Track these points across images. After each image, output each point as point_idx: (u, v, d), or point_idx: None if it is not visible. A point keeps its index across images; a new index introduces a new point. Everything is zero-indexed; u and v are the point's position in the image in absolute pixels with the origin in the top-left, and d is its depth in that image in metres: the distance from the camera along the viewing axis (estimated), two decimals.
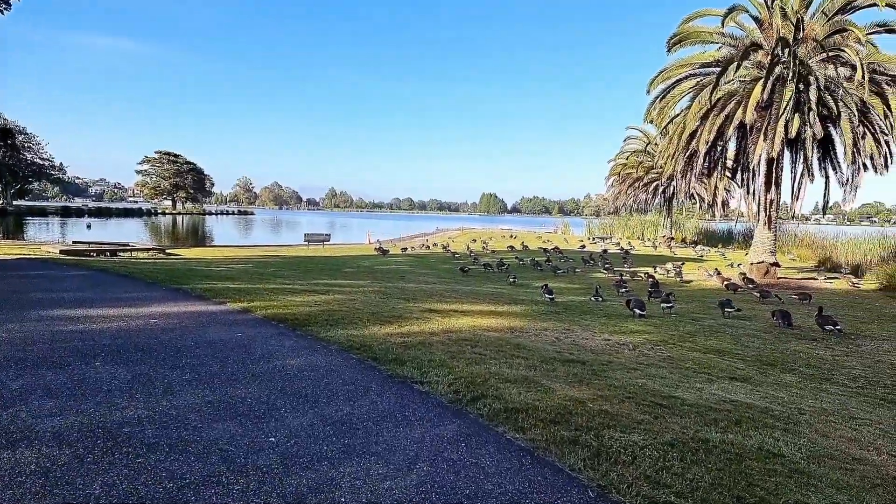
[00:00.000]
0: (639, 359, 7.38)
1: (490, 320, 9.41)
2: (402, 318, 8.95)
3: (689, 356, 7.88)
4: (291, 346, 6.84)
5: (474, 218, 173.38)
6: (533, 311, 11.10)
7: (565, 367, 6.44)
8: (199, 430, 4.26)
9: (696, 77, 20.64)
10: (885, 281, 19.14)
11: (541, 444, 4.18)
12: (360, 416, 4.66)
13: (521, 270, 20.99)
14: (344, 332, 7.61)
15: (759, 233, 20.55)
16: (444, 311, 10.16)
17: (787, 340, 9.67)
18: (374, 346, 6.85)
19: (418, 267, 21.20)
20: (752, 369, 7.43)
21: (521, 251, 30.40)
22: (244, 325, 7.93)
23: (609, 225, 53.11)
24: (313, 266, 19.49)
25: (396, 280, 15.90)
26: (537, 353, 7.04)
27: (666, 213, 38.71)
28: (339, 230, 65.36)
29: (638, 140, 39.29)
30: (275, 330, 7.68)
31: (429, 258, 26.05)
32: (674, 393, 5.69)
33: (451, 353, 6.68)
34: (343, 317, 8.66)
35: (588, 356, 7.15)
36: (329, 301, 10.37)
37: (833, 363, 8.06)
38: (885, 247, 27.53)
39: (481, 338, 7.75)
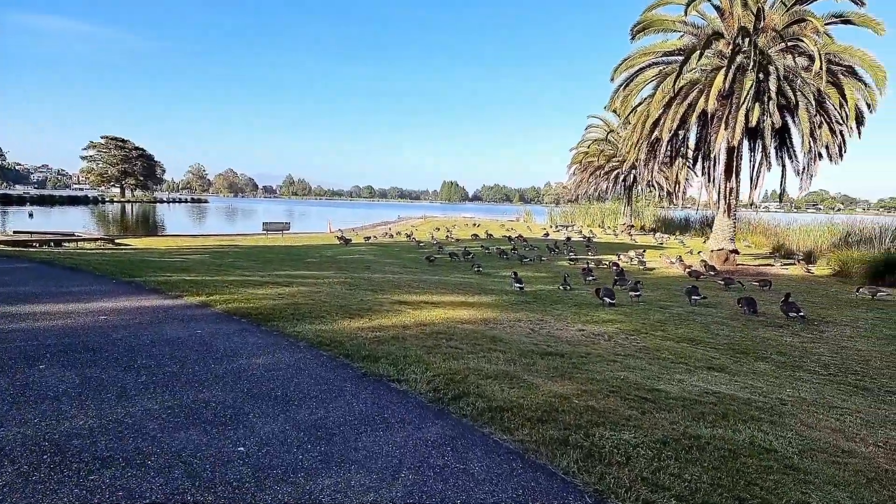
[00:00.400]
0: (616, 349, 7.26)
1: (462, 312, 9.17)
2: (373, 310, 8.62)
3: (664, 346, 7.82)
4: (256, 342, 6.44)
5: (435, 206, 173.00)
6: (504, 302, 10.92)
7: (545, 360, 6.25)
8: (159, 440, 3.88)
9: (658, 65, 20.75)
10: (838, 267, 19.78)
11: (530, 446, 3.96)
12: (336, 419, 4.34)
13: (487, 259, 20.85)
14: (312, 326, 7.24)
15: (718, 220, 20.92)
16: (415, 302, 9.87)
17: (755, 328, 9.76)
18: (345, 341, 6.52)
19: (383, 256, 20.81)
20: (727, 358, 7.41)
21: (485, 239, 30.28)
22: (204, 320, 7.46)
23: (570, 213, 53.59)
24: (273, 256, 18.87)
25: (362, 270, 15.50)
26: (514, 346, 6.83)
27: (626, 201, 39.22)
28: (298, 219, 64.05)
29: (599, 128, 39.62)
30: (237, 325, 7.25)
31: (393, 247, 25.66)
32: (657, 385, 5.56)
33: (426, 348, 6.41)
34: (310, 310, 8.26)
35: (566, 348, 6.99)
36: (293, 293, 9.93)
37: (802, 350, 8.13)
38: (833, 233, 28.49)
39: (456, 330, 7.50)
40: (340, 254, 21.17)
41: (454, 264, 19.37)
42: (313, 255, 19.96)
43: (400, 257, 20.87)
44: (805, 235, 29.77)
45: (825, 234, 28.61)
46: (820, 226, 30.96)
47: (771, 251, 27.58)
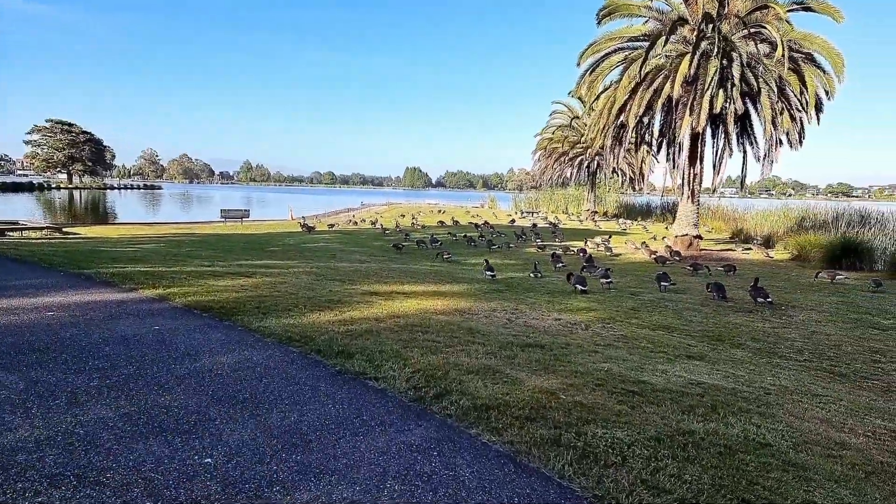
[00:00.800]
0: (594, 339, 7.12)
1: (436, 302, 8.90)
2: (343, 302, 8.27)
3: (641, 334, 7.72)
4: (220, 339, 6.03)
5: (399, 192, 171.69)
6: (477, 290, 10.70)
7: (525, 352, 6.05)
8: (116, 453, 3.50)
9: (624, 51, 20.73)
10: (796, 251, 20.29)
11: (521, 448, 3.74)
12: (312, 424, 4.03)
13: (455, 247, 20.62)
14: (279, 321, 6.86)
15: (682, 206, 21.17)
16: (386, 293, 9.55)
17: (726, 313, 9.81)
18: (316, 336, 6.18)
19: (348, 244, 20.34)
20: (704, 346, 7.36)
21: (451, 226, 30.02)
22: (162, 315, 6.99)
23: (535, 199, 53.77)
24: (234, 245, 18.21)
25: (327, 259, 15.06)
26: (493, 338, 6.61)
27: (590, 187, 39.50)
28: (257, 205, 62.56)
29: (563, 115, 39.65)
30: (198, 321, 6.82)
31: (358, 235, 25.15)
32: (641, 377, 5.42)
33: (402, 342, 6.12)
34: (276, 303, 7.87)
35: (545, 339, 6.81)
36: (257, 285, 9.49)
37: (775, 336, 8.17)
38: (789, 218, 29.26)
39: (431, 322, 7.23)
40: (304, 242, 20.60)
41: (422, 252, 19.06)
42: (275, 244, 19.35)
43: (366, 245, 20.45)
44: (762, 220, 30.48)
45: (781, 219, 29.34)
46: (776, 211, 31.73)
47: (730, 236, 28.19)
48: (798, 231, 24.85)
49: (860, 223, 24.98)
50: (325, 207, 56.92)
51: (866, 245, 17.70)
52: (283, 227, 29.59)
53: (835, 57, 17.84)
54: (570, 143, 37.30)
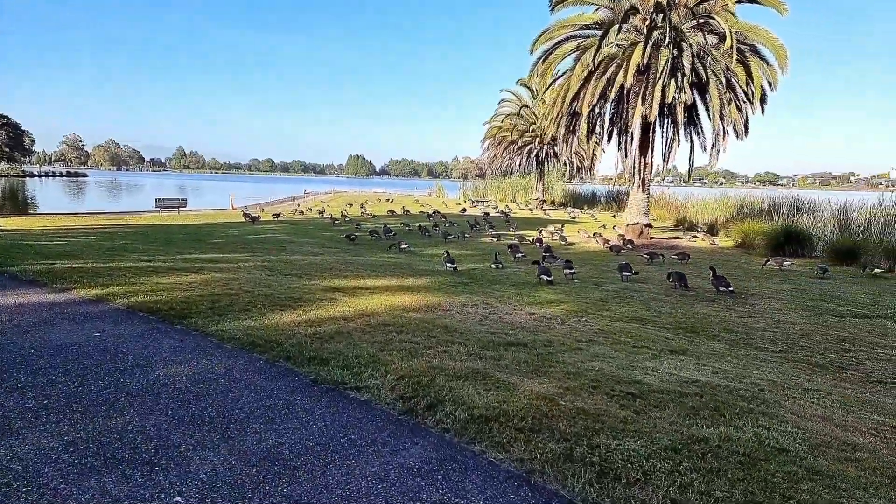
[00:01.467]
0: (574, 335, 6.86)
1: (403, 298, 8.45)
2: (304, 300, 7.70)
3: (617, 327, 7.54)
4: (174, 346, 5.40)
5: (342, 180, 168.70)
6: (442, 284, 10.30)
7: (510, 352, 5.71)
8: (63, 493, 2.95)
9: (577, 39, 20.65)
10: (740, 238, 20.91)
11: (534, 466, 3.38)
12: (294, 446, 3.55)
13: (410, 237, 20.12)
14: (238, 323, 6.26)
15: (633, 195, 21.43)
16: (348, 288, 9.02)
17: (691, 303, 9.80)
18: (283, 340, 5.63)
19: (297, 235, 19.49)
20: (681, 338, 7.24)
21: (402, 216, 29.44)
22: (103, 319, 6.26)
23: (483, 188, 53.72)
24: (173, 237, 17.08)
25: (278, 252, 14.29)
26: (472, 337, 6.24)
27: (538, 176, 39.70)
28: (193, 194, 59.70)
29: (511, 103, 39.59)
30: (146, 325, 6.13)
31: (306, 225, 24.23)
32: (634, 376, 5.18)
33: (378, 344, 5.66)
34: (231, 302, 7.23)
35: (525, 336, 6.49)
36: (207, 282, 8.77)
37: (745, 327, 8.16)
38: (728, 206, 30.23)
39: (404, 321, 6.79)
40: (249, 233, 19.60)
41: (375, 243, 18.48)
42: (218, 235, 18.30)
43: (316, 236, 19.66)
44: (702, 208, 31.36)
45: (721, 208, 30.26)
46: (716, 199, 32.72)
47: (675, 224, 28.86)
48: (737, 219, 25.58)
49: (795, 211, 26.05)
50: (267, 195, 55.02)
51: (807, 233, 18.40)
52: (224, 216, 28.20)
53: (778, 49, 18.33)
54: (518, 132, 37.29)
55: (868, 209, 19.25)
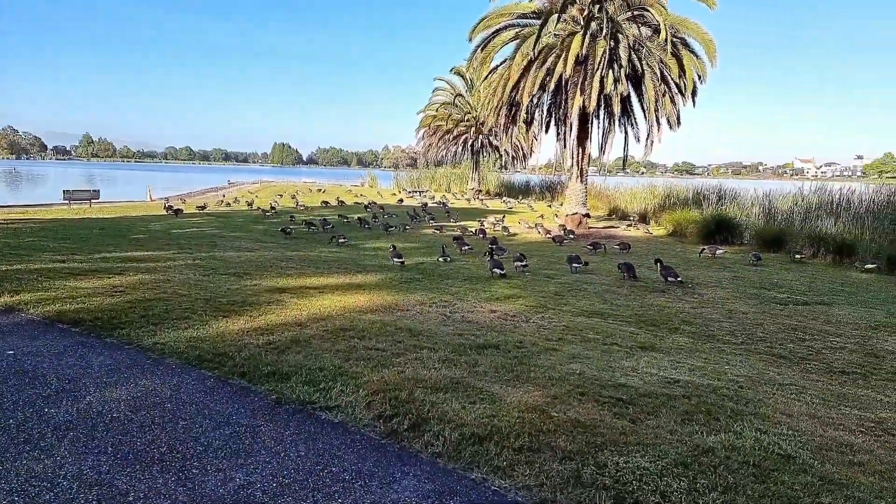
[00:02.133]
0: (542, 333, 6.60)
1: (356, 297, 7.93)
2: (249, 304, 7.06)
3: (581, 323, 7.34)
4: (106, 365, 4.70)
5: (267, 170, 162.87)
6: (392, 280, 9.83)
7: (484, 356, 5.36)
8: None
9: (515, 27, 20.51)
10: (672, 227, 21.56)
11: (544, 496, 3.05)
12: (267, 485, 3.05)
13: (349, 230, 19.39)
14: (178, 333, 5.59)
15: (571, 185, 21.62)
16: (295, 288, 8.39)
17: (643, 295, 9.80)
18: (233, 353, 5.04)
19: (227, 230, 18.33)
20: (645, 333, 7.12)
21: (337, 207, 28.48)
22: (15, 333, 5.43)
23: (417, 178, 53.17)
24: (88, 233, 15.60)
25: (209, 248, 13.31)
26: (440, 340, 5.85)
27: (474, 166, 39.61)
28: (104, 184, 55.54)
29: (446, 91, 39.21)
30: (68, 338, 5.36)
31: (235, 218, 22.92)
32: (616, 379, 4.96)
33: (341, 354, 5.18)
34: (167, 309, 6.50)
35: (495, 337, 6.16)
36: (135, 285, 7.92)
37: (701, 318, 8.18)
38: (655, 196, 31.17)
39: (363, 324, 6.31)
40: (173, 227, 18.26)
41: (313, 236, 17.65)
42: (139, 230, 16.92)
43: (248, 230, 18.58)
44: (631, 198, 32.18)
45: (650, 197, 31.17)
46: (644, 189, 33.54)
47: (607, 213, 29.51)
48: (666, 208, 26.39)
49: (718, 200, 27.19)
50: (188, 186, 52.13)
51: (735, 221, 19.17)
52: (142, 209, 26.26)
53: (708, 43, 18.89)
54: (454, 122, 37.00)
55: (790, 198, 20.27)
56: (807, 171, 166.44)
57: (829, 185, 20.43)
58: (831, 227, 16.55)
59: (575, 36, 18.08)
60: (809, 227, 17.38)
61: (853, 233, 15.84)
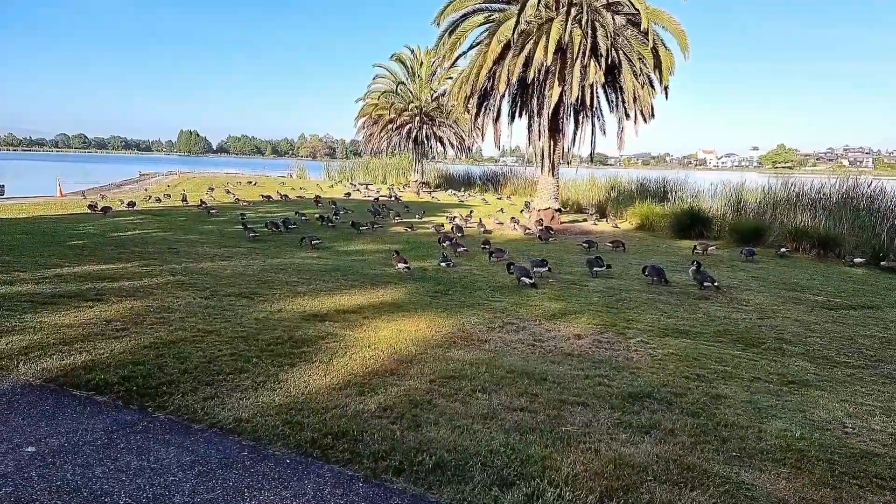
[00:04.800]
0: (662, 366, 5.62)
1: (409, 323, 6.68)
2: (300, 341, 5.67)
3: (678, 348, 6.43)
4: (187, 465, 3.28)
5: (174, 159, 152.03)
6: (421, 295, 8.57)
7: (654, 412, 4.35)
8: None
9: (484, 11, 19.45)
10: (639, 221, 21.43)
11: None
12: None
13: (312, 229, 17.65)
14: (252, 398, 4.21)
15: (543, 179, 20.92)
16: (330, 314, 6.99)
17: (692, 303, 9.05)
18: (356, 432, 3.76)
19: (175, 231, 16.10)
20: (757, 357, 6.32)
21: (281, 202, 26.34)
22: (16, 411, 3.83)
23: (349, 169, 50.96)
24: (12, 239, 13.04)
25: (173, 257, 11.38)
26: (574, 389, 4.76)
27: (418, 157, 38.22)
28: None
29: (386, 79, 37.47)
30: (105, 416, 3.88)
31: (175, 216, 20.42)
32: (849, 444, 4.06)
33: (487, 422, 3.98)
34: (206, 357, 5.00)
35: (629, 379, 5.11)
36: (132, 317, 6.26)
37: (775, 331, 7.53)
38: (599, 187, 31.25)
39: (464, 368, 5.11)
40: (109, 229, 15.83)
41: (277, 237, 15.84)
42: (73, 234, 14.47)
43: (199, 231, 16.42)
44: (578, 191, 32.05)
45: (596, 189, 31.15)
46: (586, 181, 33.30)
47: (563, 207, 29.17)
48: (622, 201, 26.30)
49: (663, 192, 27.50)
50: (94, 178, 47.16)
51: (708, 215, 19.21)
52: (57, 207, 22.96)
53: (680, 34, 18.65)
54: (397, 110, 35.41)
55: (761, 190, 20.56)
56: (709, 161, 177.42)
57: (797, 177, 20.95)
58: (808, 220, 16.79)
59: (553, 22, 17.27)
60: (784, 220, 17.59)
61: (829, 226, 16.12)
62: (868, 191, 17.03)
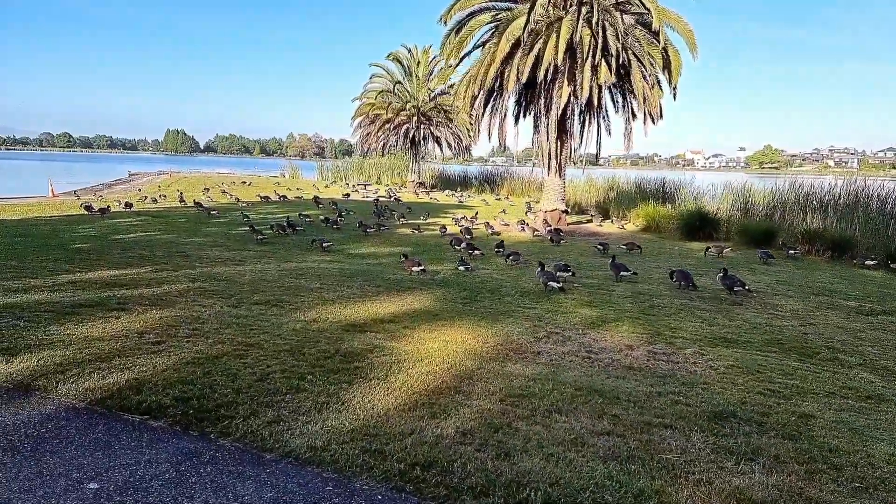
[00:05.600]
0: (733, 381, 5.35)
1: (455, 336, 6.39)
2: (347, 355, 5.42)
3: (733, 358, 6.20)
4: (265, 496, 2.96)
5: (161, 158, 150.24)
6: (450, 302, 8.29)
7: (746, 437, 4.07)
8: None
9: (491, 10, 19.19)
10: (645, 222, 21.28)
11: None
12: None
13: (318, 231, 17.28)
14: (318, 422, 3.94)
15: (550, 180, 20.67)
16: (368, 323, 6.69)
17: (727, 309, 8.85)
18: (444, 462, 3.50)
19: (179, 233, 15.65)
20: (815, 367, 6.09)
21: (280, 203, 25.88)
22: (63, 438, 3.54)
23: (342, 169, 50.37)
24: (11, 242, 12.56)
25: (181, 259, 11.00)
26: (653, 409, 4.49)
27: (413, 157, 37.85)
28: None
29: (383, 79, 37.04)
30: (166, 445, 3.57)
31: (174, 217, 19.93)
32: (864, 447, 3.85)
33: (579, 448, 3.70)
34: (256, 373, 4.70)
35: (705, 395, 4.86)
36: (163, 327, 5.93)
37: (823, 339, 7.31)
38: (597, 188, 31.13)
39: (526, 384, 4.84)
40: (110, 231, 15.35)
41: (286, 240, 15.44)
42: (75, 237, 13.99)
43: (203, 234, 15.99)
44: (578, 192, 31.91)
45: (591, 190, 30.98)
46: (584, 182, 33.11)
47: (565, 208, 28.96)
48: (625, 201, 26.15)
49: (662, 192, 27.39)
50: (82, 178, 46.19)
51: (717, 216, 19.09)
52: (51, 208, 22.36)
53: (689, 34, 18.53)
54: (394, 110, 35.02)
55: (769, 192, 20.47)
56: (697, 161, 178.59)
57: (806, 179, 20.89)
58: (818, 222, 16.72)
59: (563, 21, 17.04)
60: (794, 222, 17.52)
61: (841, 228, 16.06)
62: (881, 192, 16.97)
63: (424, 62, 36.37)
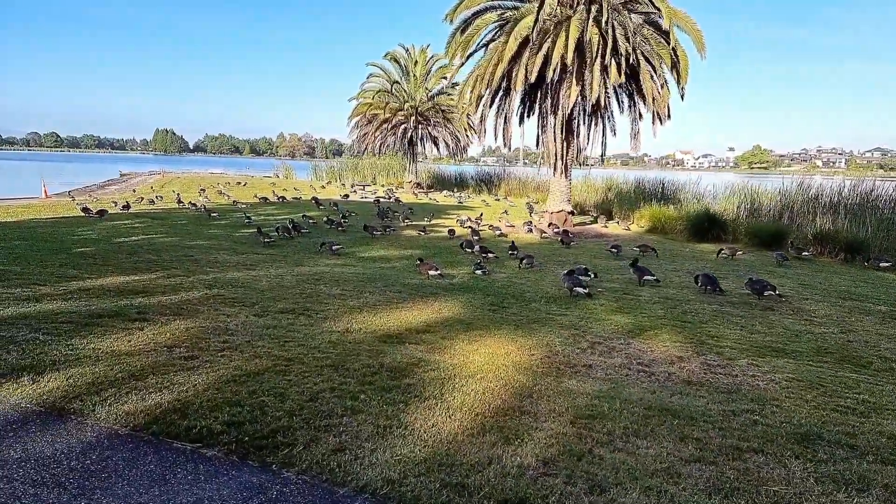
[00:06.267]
0: (801, 397, 5.08)
1: (499, 348, 6.06)
2: (391, 370, 5.04)
3: (791, 369, 5.96)
4: None
5: (150, 158, 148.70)
6: (478, 308, 8.00)
7: (841, 464, 3.78)
8: None
9: (497, 9, 18.91)
10: (651, 224, 21.07)
11: None
12: None
13: (322, 233, 16.91)
14: (386, 450, 3.66)
15: (556, 181, 20.42)
16: (404, 334, 6.40)
17: (762, 315, 8.62)
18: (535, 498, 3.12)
19: (182, 237, 15.21)
20: (884, 383, 5.87)
21: (279, 203, 25.45)
22: (114, 471, 3.19)
23: (337, 170, 49.84)
24: (11, 245, 12.10)
25: (190, 264, 10.62)
26: (735, 432, 4.21)
27: (411, 157, 37.48)
28: None
29: (380, 78, 36.65)
30: (226, 478, 3.31)
31: (175, 218, 19.46)
32: None
33: (646, 477, 3.43)
34: (305, 394, 4.41)
35: (781, 414, 4.59)
36: (192, 340, 5.59)
37: (872, 349, 7.11)
38: (595, 189, 30.96)
39: (587, 401, 4.55)
40: (111, 234, 14.88)
41: (292, 243, 15.07)
42: (76, 240, 13.51)
43: (207, 236, 15.57)
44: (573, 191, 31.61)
45: (590, 191, 30.82)
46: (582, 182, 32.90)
47: None
48: (626, 202, 25.98)
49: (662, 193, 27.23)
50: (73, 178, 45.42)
51: (725, 218, 18.93)
52: (45, 209, 21.75)
53: (697, 34, 18.33)
54: (392, 110, 34.65)
55: (776, 193, 20.33)
56: (686, 161, 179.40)
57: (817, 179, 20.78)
58: (828, 223, 16.59)
59: (572, 20, 16.79)
60: (802, 223, 17.38)
61: (853, 229, 15.93)
62: (893, 194, 16.87)
63: (422, 62, 36.04)
